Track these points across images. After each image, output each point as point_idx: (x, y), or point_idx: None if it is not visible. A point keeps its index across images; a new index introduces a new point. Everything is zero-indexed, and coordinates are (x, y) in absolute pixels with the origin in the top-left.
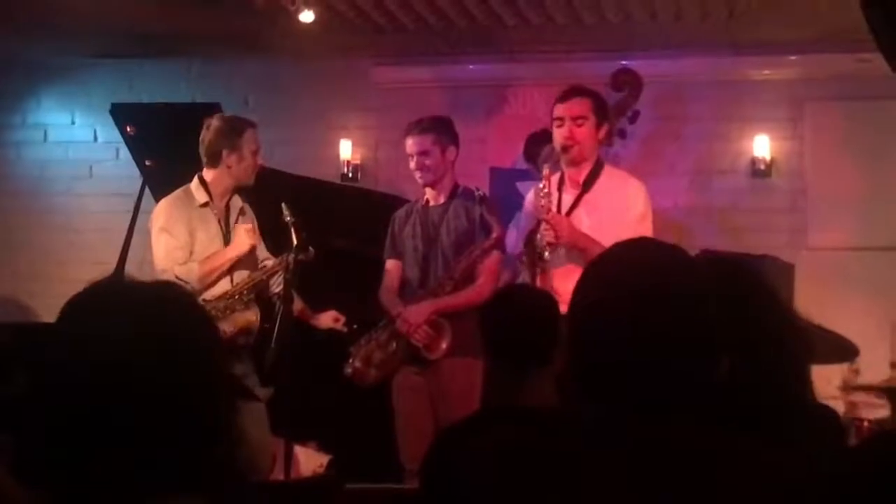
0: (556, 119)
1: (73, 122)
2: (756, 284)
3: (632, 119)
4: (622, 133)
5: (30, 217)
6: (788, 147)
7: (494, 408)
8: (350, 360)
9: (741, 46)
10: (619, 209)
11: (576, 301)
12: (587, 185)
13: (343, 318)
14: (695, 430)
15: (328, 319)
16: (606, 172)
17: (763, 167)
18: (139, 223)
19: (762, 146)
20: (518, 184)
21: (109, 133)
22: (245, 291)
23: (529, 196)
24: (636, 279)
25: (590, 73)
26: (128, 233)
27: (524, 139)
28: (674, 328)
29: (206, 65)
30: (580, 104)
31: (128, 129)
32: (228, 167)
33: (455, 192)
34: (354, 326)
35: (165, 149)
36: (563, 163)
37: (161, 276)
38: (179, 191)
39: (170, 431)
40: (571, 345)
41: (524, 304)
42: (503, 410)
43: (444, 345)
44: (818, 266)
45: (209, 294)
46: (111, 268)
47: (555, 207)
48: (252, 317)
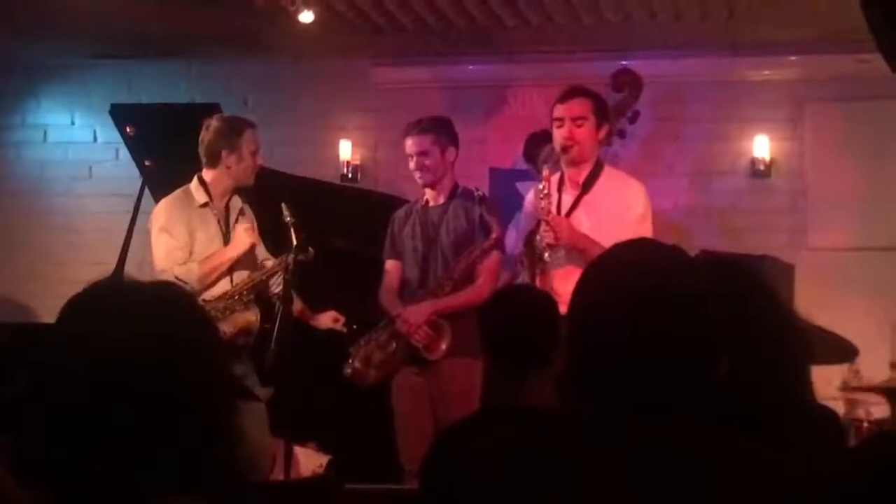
0: (556, 119)
1: (73, 123)
2: (756, 285)
3: (632, 119)
4: (622, 133)
5: (29, 217)
6: (788, 147)
7: (494, 408)
8: (350, 361)
9: (741, 47)
10: (619, 210)
11: (575, 302)
12: (587, 186)
13: (343, 319)
14: (694, 431)
15: (328, 320)
16: (606, 173)
17: (763, 168)
18: (139, 224)
19: (762, 147)
20: (518, 184)
21: (109, 133)
22: (245, 292)
23: (529, 196)
24: (636, 280)
25: (589, 74)
26: (127, 233)
27: (524, 140)
28: (673, 329)
29: (206, 65)
30: (580, 105)
31: (127, 130)
32: (228, 167)
33: (454, 193)
34: (354, 327)
35: (165, 149)
36: (563, 163)
37: (161, 277)
38: (179, 191)
39: (170, 431)
40: (571, 345)
41: (524, 305)
42: (503, 411)
43: (444, 345)
44: (818, 267)
45: (209, 294)
46: (111, 268)
47: (554, 208)
48: (252, 317)
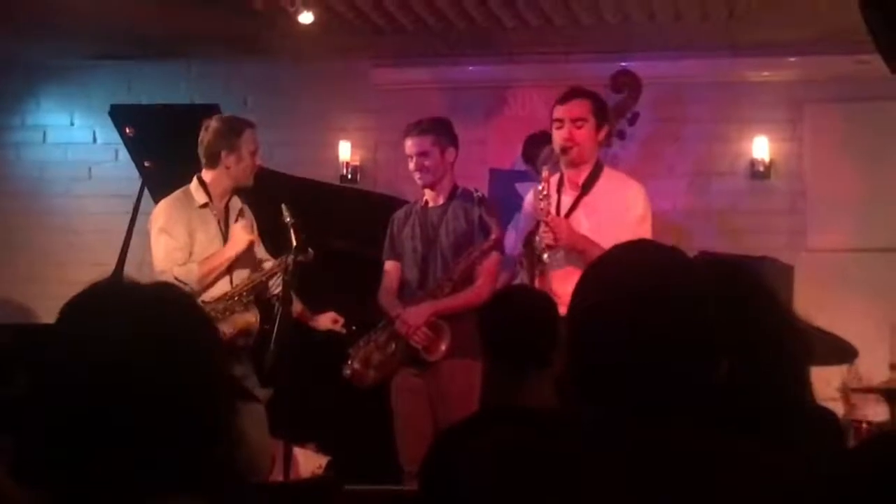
0: (556, 120)
1: (73, 124)
2: (755, 286)
3: (631, 121)
4: (621, 134)
5: (29, 218)
6: (787, 148)
7: (493, 409)
8: (349, 362)
9: (740, 48)
10: (619, 211)
11: (575, 303)
12: (586, 187)
13: (342, 320)
14: (694, 433)
15: (327, 321)
16: (606, 174)
17: (762, 169)
18: (138, 224)
19: (761, 148)
20: (517, 185)
21: (108, 134)
22: (244, 293)
23: (528, 198)
24: (635, 281)
25: (589, 75)
26: (127, 234)
27: (523, 141)
28: (673, 330)
29: (206, 66)
30: (580, 106)
31: (127, 131)
32: (227, 168)
33: (454, 194)
34: (353, 328)
35: (164, 150)
36: (563, 164)
37: (160, 278)
38: (179, 192)
39: (170, 432)
40: (571, 347)
41: (523, 306)
42: (502, 412)
43: (443, 346)
44: (817, 268)
45: (208, 295)
46: (110, 269)
47: (554, 209)
48: (251, 318)
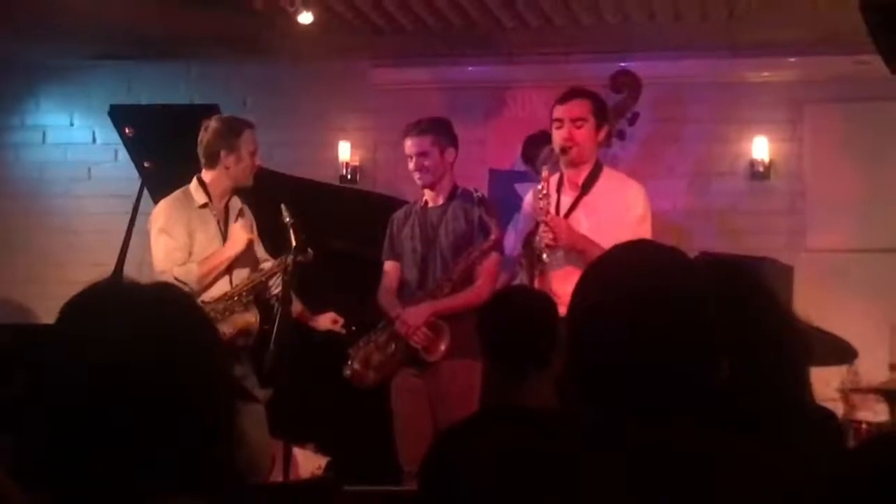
0: (556, 120)
1: (72, 124)
2: (755, 286)
3: (631, 121)
4: (621, 135)
5: (28, 219)
6: (787, 149)
7: (493, 409)
8: (349, 362)
9: (740, 48)
10: (618, 211)
11: (575, 303)
12: (586, 187)
13: (342, 320)
14: (694, 433)
15: (327, 321)
16: (605, 174)
17: (762, 169)
18: (138, 225)
19: (761, 148)
20: (517, 185)
21: (108, 135)
22: (244, 293)
23: (527, 198)
24: (635, 281)
25: (588, 75)
26: (126, 234)
27: (523, 141)
28: (673, 331)
29: (205, 66)
30: (580, 106)
31: (126, 131)
32: (226, 168)
33: (454, 194)
34: (353, 328)
35: (164, 150)
36: (562, 164)
37: (160, 278)
38: (178, 192)
39: (169, 432)
40: (570, 347)
41: (522, 306)
42: (502, 412)
43: (443, 347)
44: (817, 268)
45: (208, 295)
46: (110, 269)
47: (553, 209)
48: (251, 318)
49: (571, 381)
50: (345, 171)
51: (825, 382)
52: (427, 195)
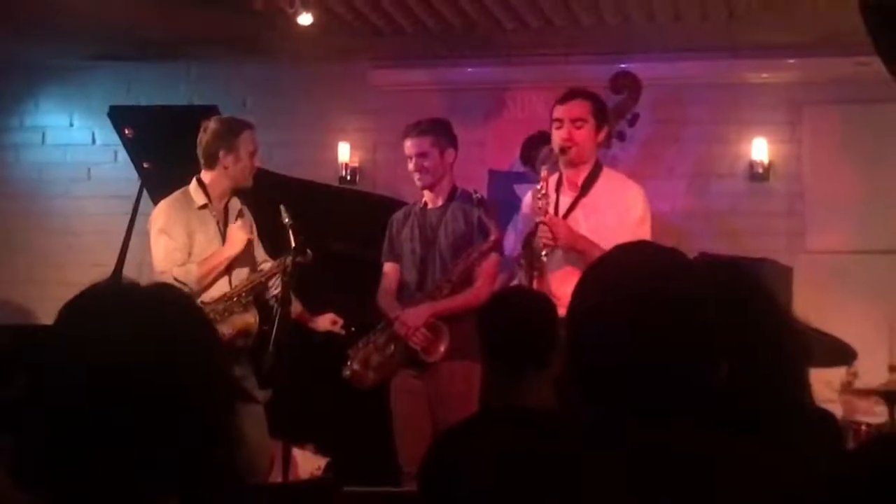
0: (556, 120)
1: (72, 125)
2: (754, 288)
3: (631, 122)
4: (621, 136)
5: (28, 220)
6: (787, 150)
7: (492, 410)
8: (348, 363)
9: (740, 49)
10: (618, 212)
11: (574, 304)
12: (585, 188)
13: (341, 321)
14: (693, 434)
15: (326, 322)
16: (605, 175)
17: (761, 170)
18: (137, 225)
19: (760, 149)
20: (516, 186)
21: (108, 135)
22: (243, 294)
23: (526, 199)
24: (635, 283)
25: (588, 76)
26: (126, 235)
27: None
28: (672, 332)
29: (205, 67)
30: (580, 106)
31: (126, 132)
32: (225, 168)
33: (453, 195)
34: (352, 329)
35: (163, 151)
36: (562, 164)
37: (159, 278)
38: (178, 193)
39: (169, 432)
40: (570, 348)
41: (521, 307)
42: (501, 413)
43: (443, 348)
44: (816, 269)
45: (207, 296)
46: (109, 270)
47: (552, 209)
48: (250, 319)
49: (571, 382)
50: (344, 173)
51: (824, 384)
52: (426, 196)
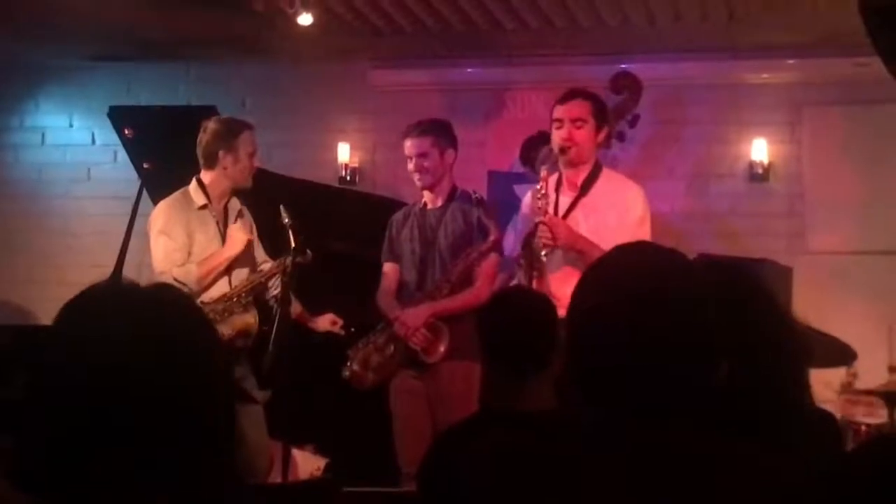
0: (556, 121)
1: (72, 125)
2: (754, 288)
3: (632, 123)
4: (621, 136)
5: (28, 220)
6: (786, 151)
7: (492, 411)
8: (348, 364)
9: (740, 50)
10: (618, 212)
11: (574, 305)
12: (585, 188)
13: (341, 322)
14: (693, 435)
15: (326, 322)
16: (605, 175)
17: (761, 171)
18: (137, 226)
19: (760, 150)
20: (516, 187)
21: (107, 136)
22: (243, 294)
23: (526, 199)
24: (635, 283)
25: (588, 77)
26: (126, 235)
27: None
28: (672, 332)
29: (205, 67)
30: (580, 106)
31: (126, 132)
32: (224, 168)
33: (453, 195)
34: (352, 329)
35: (163, 151)
36: (561, 164)
37: (159, 279)
38: (178, 193)
39: (169, 432)
40: (570, 349)
41: (521, 307)
42: (501, 414)
43: (442, 348)
44: (816, 270)
45: (207, 296)
46: (109, 271)
47: (552, 209)
48: (250, 319)
49: (571, 383)
50: (344, 173)
51: (824, 384)
52: (426, 197)
